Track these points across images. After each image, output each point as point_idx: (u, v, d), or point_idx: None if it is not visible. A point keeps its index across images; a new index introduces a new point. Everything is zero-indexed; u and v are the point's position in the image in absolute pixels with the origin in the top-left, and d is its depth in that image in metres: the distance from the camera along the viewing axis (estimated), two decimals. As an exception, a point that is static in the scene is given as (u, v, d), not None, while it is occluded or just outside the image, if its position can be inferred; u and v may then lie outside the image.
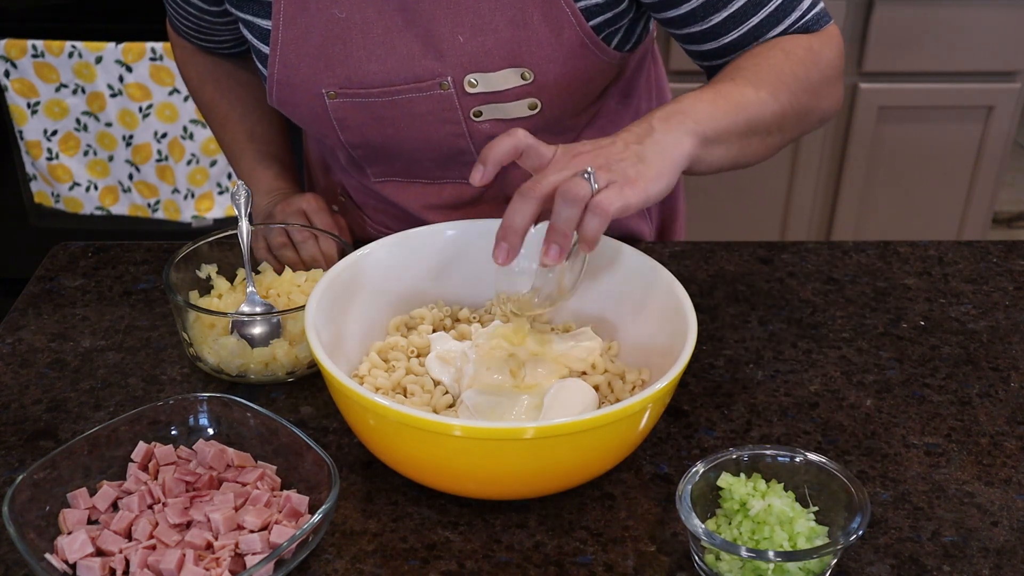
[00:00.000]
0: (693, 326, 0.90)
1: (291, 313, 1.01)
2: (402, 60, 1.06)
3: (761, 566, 0.79)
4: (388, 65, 1.06)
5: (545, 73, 1.06)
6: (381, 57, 1.06)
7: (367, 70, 1.07)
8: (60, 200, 2.27)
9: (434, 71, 1.06)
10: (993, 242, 1.30)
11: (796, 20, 1.04)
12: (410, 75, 1.06)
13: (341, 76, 1.07)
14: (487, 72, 1.06)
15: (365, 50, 1.06)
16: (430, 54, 1.05)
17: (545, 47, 1.05)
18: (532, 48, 1.05)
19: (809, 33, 1.05)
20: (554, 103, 1.09)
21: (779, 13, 1.03)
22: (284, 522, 0.83)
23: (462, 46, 1.05)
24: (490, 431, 0.81)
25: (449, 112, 1.08)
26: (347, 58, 1.06)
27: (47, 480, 0.84)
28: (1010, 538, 0.87)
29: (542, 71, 1.06)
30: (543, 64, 1.06)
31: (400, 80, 1.07)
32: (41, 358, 1.06)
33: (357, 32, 1.05)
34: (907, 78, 2.33)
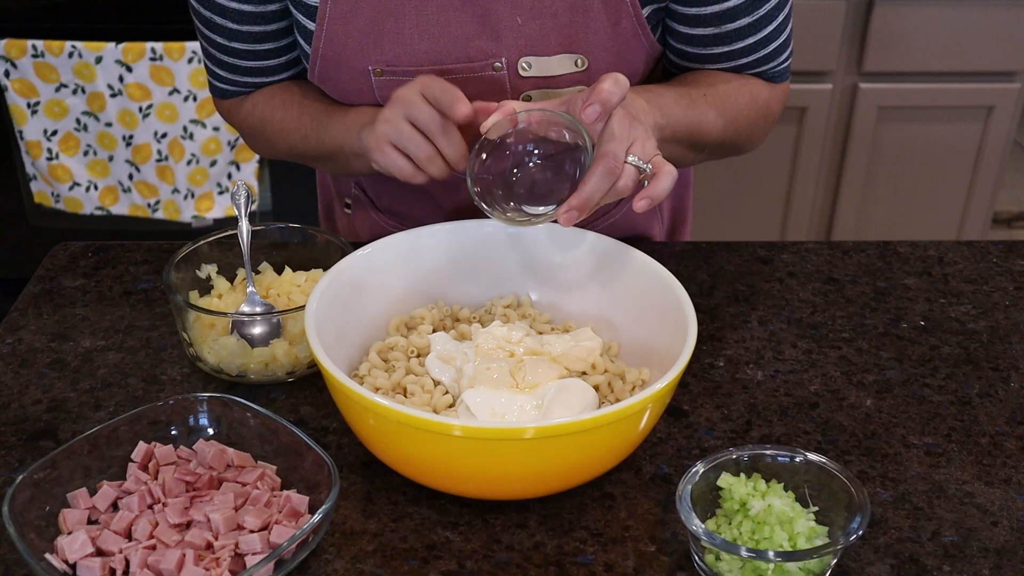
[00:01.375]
0: (693, 326, 0.90)
1: (291, 313, 1.01)
2: (456, 39, 1.05)
3: (761, 566, 0.79)
4: (440, 44, 1.05)
5: (599, 61, 1.07)
6: (434, 35, 1.05)
7: (418, 48, 1.06)
8: (60, 200, 2.27)
9: (488, 52, 1.05)
10: (993, 242, 1.30)
11: (773, 67, 1.14)
12: (463, 55, 1.06)
13: (390, 53, 1.06)
14: (542, 56, 1.06)
15: (418, 27, 1.05)
16: (485, 34, 1.05)
17: (601, 34, 1.05)
18: (589, 35, 1.05)
19: (774, 83, 1.16)
20: None
21: (766, 59, 1.13)
22: (284, 522, 0.83)
23: (519, 28, 1.04)
24: (490, 431, 0.81)
25: (499, 95, 1.07)
26: (398, 35, 1.05)
27: (47, 480, 0.84)
28: (1010, 538, 0.87)
29: (596, 58, 1.06)
30: (598, 51, 1.06)
31: (452, 59, 1.06)
32: (41, 358, 1.06)
33: (411, 9, 1.04)
34: (907, 78, 2.33)
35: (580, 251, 1.04)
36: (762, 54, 1.12)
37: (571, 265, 1.04)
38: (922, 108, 2.34)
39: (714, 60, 1.12)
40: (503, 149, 0.98)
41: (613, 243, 1.02)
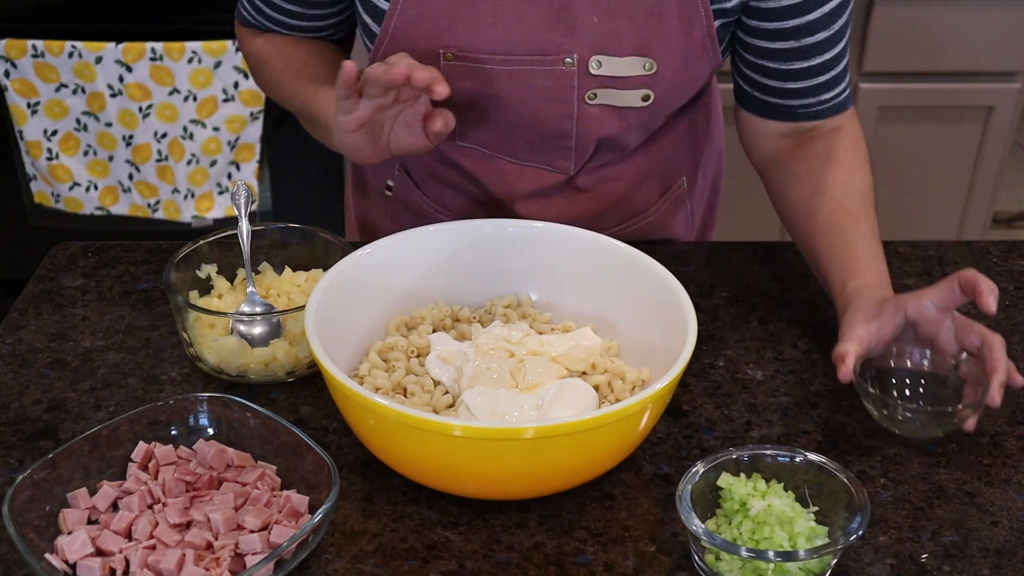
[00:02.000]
0: (693, 326, 0.90)
1: (291, 313, 1.01)
2: (530, 31, 1.05)
3: (761, 566, 0.79)
4: (515, 34, 1.06)
5: (666, 67, 1.08)
6: (509, 25, 1.05)
7: (492, 36, 1.06)
8: (60, 200, 2.27)
9: (561, 46, 1.06)
10: (993, 242, 1.30)
11: (842, 90, 1.16)
12: (535, 47, 1.06)
13: (463, 39, 1.06)
14: (614, 56, 1.06)
15: (494, 16, 1.05)
16: (560, 29, 1.05)
17: (673, 41, 1.06)
18: (661, 40, 1.06)
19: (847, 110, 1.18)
20: (664, 99, 1.11)
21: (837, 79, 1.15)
22: (284, 522, 0.83)
23: (595, 26, 1.05)
24: (490, 431, 0.81)
25: (565, 91, 1.08)
26: (474, 22, 1.05)
27: (47, 480, 0.84)
28: (1010, 538, 0.87)
29: (664, 64, 1.07)
30: (667, 57, 1.07)
31: (524, 50, 1.06)
32: (41, 358, 1.06)
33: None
34: (907, 78, 2.33)
35: (580, 251, 1.03)
36: (836, 72, 1.14)
37: (571, 265, 1.04)
38: (922, 108, 2.34)
39: (794, 77, 1.13)
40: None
41: (613, 243, 1.02)
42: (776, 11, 1.08)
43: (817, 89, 1.14)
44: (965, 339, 0.96)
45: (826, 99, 1.15)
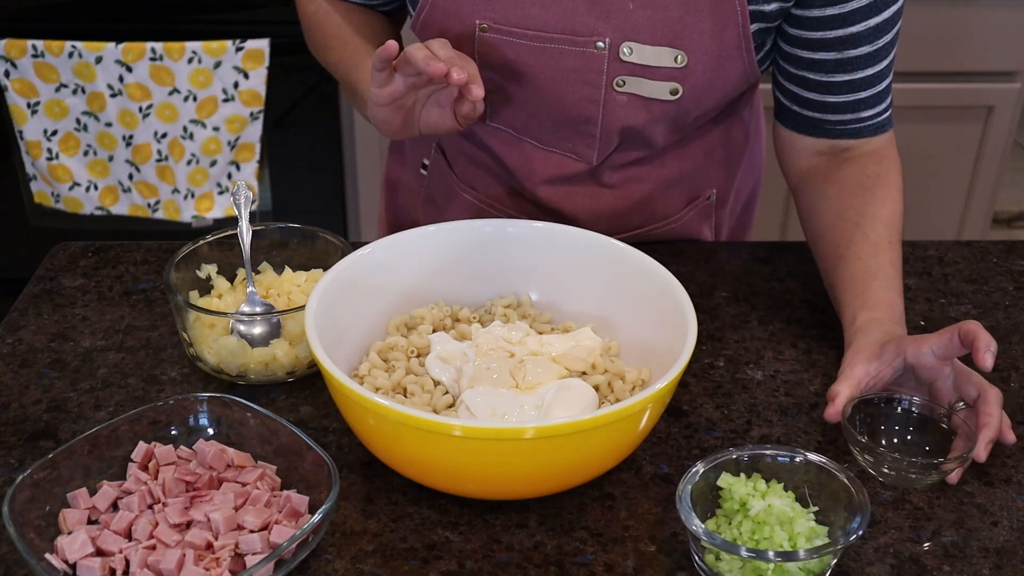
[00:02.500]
0: (693, 326, 0.90)
1: (291, 313, 1.01)
2: (566, 10, 1.07)
3: (761, 566, 0.79)
4: (551, 11, 1.07)
5: (697, 62, 1.08)
6: (546, 3, 1.07)
7: (528, 12, 1.07)
8: (60, 200, 2.27)
9: (594, 29, 1.07)
10: (993, 242, 1.30)
11: (884, 109, 1.18)
12: (568, 27, 1.07)
13: (500, 12, 1.08)
14: (645, 44, 1.07)
15: None
16: (596, 12, 1.06)
17: (705, 37, 1.07)
18: (694, 34, 1.06)
19: (886, 133, 1.20)
20: (692, 96, 1.11)
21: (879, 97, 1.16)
22: (284, 522, 0.83)
23: (630, 12, 1.06)
24: (490, 431, 0.81)
25: (594, 74, 1.09)
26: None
27: (47, 480, 0.84)
28: (1010, 538, 0.87)
29: (695, 59, 1.08)
30: (698, 53, 1.07)
31: (557, 29, 1.08)
32: (41, 358, 1.06)
33: None
34: (907, 78, 2.32)
35: (580, 251, 1.03)
36: (878, 89, 1.14)
37: (571, 265, 1.04)
38: (922, 108, 2.34)
39: (834, 91, 1.12)
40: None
41: (613, 243, 1.02)
42: (818, 20, 1.08)
43: (857, 105, 1.14)
44: (963, 389, 0.95)
45: (865, 117, 1.15)
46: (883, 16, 1.10)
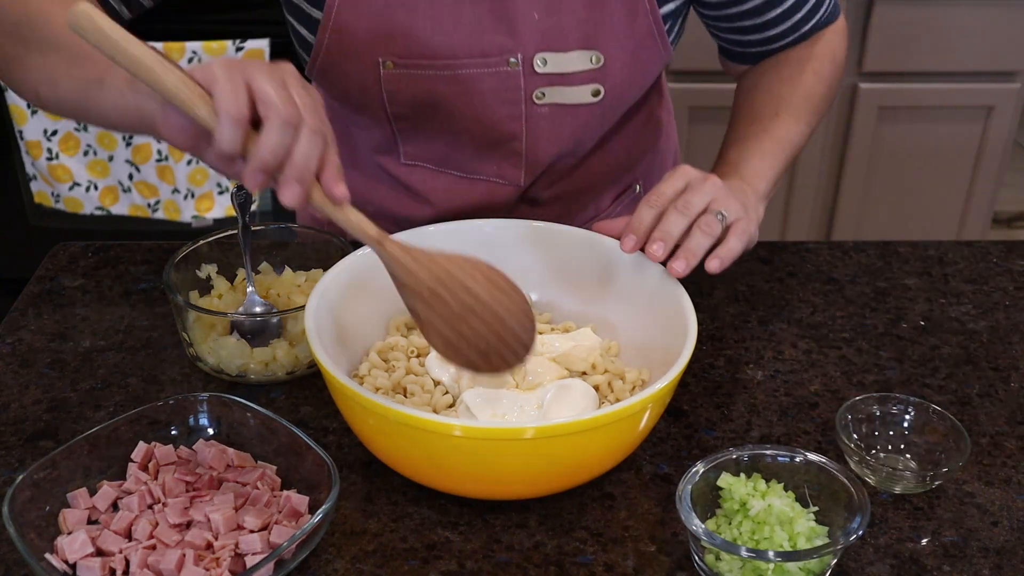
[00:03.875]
0: (693, 326, 0.90)
1: (291, 313, 1.01)
2: (470, 33, 1.03)
3: (761, 566, 0.79)
4: (455, 37, 1.03)
5: (613, 59, 1.06)
6: (448, 29, 1.03)
7: (431, 41, 1.03)
8: (60, 200, 2.27)
9: (503, 47, 1.04)
10: (993, 242, 1.30)
11: (825, 9, 1.14)
12: (477, 49, 1.04)
13: (402, 46, 1.04)
14: (559, 52, 1.04)
15: (431, 20, 1.03)
16: (501, 28, 1.03)
17: (618, 31, 1.05)
18: (605, 31, 1.04)
19: (831, 25, 1.16)
20: (615, 92, 1.09)
21: (814, 11, 1.13)
22: (284, 522, 0.83)
23: (536, 23, 1.03)
24: (490, 431, 0.81)
25: (511, 92, 1.06)
26: (411, 27, 1.03)
27: (47, 480, 0.84)
28: (1010, 538, 0.87)
29: (611, 56, 1.06)
30: (613, 49, 1.05)
31: (466, 53, 1.04)
32: (41, 358, 1.06)
33: (424, 1, 1.02)
34: (907, 78, 2.33)
35: (580, 251, 1.03)
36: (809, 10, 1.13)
37: (571, 265, 1.04)
38: (922, 108, 2.34)
39: (773, 25, 1.12)
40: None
41: (613, 243, 1.02)
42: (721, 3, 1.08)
43: (798, 24, 1.14)
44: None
45: (808, 26, 1.15)
46: None
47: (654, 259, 0.90)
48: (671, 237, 0.91)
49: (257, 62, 0.77)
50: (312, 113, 0.76)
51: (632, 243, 0.91)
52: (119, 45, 0.74)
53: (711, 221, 0.93)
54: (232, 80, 0.74)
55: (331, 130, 0.79)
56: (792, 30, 1.14)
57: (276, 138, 0.74)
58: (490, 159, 1.14)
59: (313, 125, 0.76)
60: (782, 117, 1.11)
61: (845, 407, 0.94)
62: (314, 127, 0.76)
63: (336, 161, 0.79)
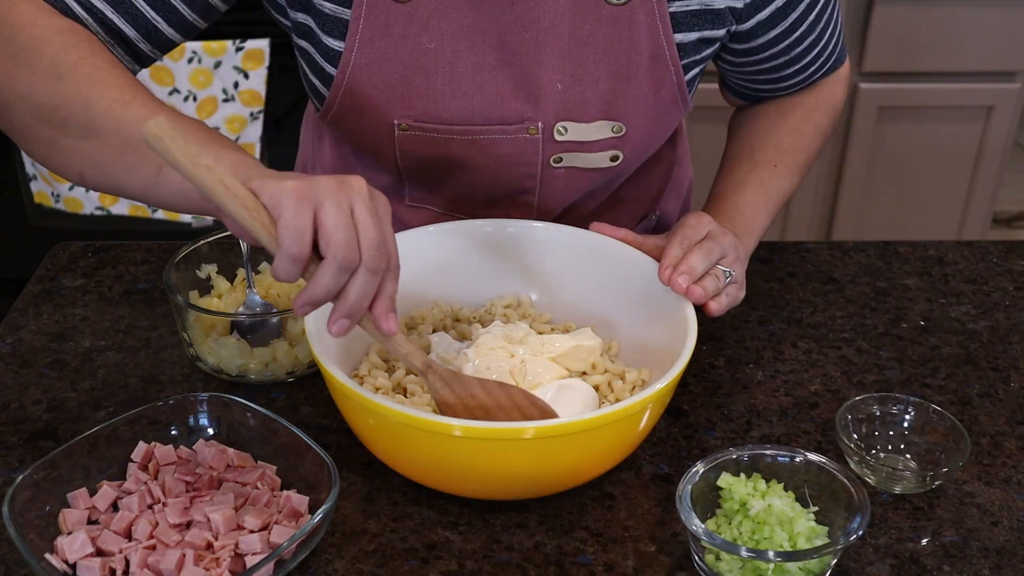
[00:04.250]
0: (693, 326, 0.90)
1: (291, 313, 1.01)
2: (490, 100, 1.01)
3: (761, 566, 0.79)
4: (474, 103, 1.01)
5: (635, 127, 1.05)
6: (467, 94, 1.01)
7: (449, 106, 1.01)
8: (60, 200, 2.27)
9: (524, 115, 1.02)
10: (993, 242, 1.30)
11: (831, 57, 1.15)
12: (497, 116, 1.02)
13: (419, 109, 1.01)
14: (580, 122, 1.03)
15: (451, 85, 1.00)
16: (522, 97, 1.01)
17: (641, 102, 1.03)
18: (629, 102, 1.03)
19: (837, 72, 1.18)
20: (632, 156, 1.09)
21: (828, 54, 1.15)
22: (284, 522, 0.83)
23: (559, 94, 1.01)
24: (490, 431, 0.81)
25: (529, 156, 1.05)
26: (429, 91, 1.00)
27: (47, 480, 0.84)
28: (1010, 538, 0.87)
29: (633, 125, 1.05)
30: (635, 119, 1.04)
31: (484, 120, 1.02)
32: (41, 358, 1.06)
33: (445, 65, 0.99)
34: (907, 78, 2.33)
35: (580, 251, 1.03)
36: (827, 51, 1.14)
37: (571, 265, 1.04)
38: (922, 108, 2.34)
39: (787, 78, 1.14)
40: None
41: (613, 243, 1.02)
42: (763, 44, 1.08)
43: (810, 75, 1.15)
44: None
45: (818, 75, 1.16)
46: (819, 5, 1.08)
47: (679, 290, 0.92)
48: (696, 273, 0.94)
49: (326, 181, 0.76)
50: (374, 249, 0.76)
51: (669, 274, 0.94)
52: (188, 169, 0.74)
53: (720, 274, 0.97)
54: (299, 213, 0.74)
55: (395, 259, 0.79)
56: (803, 80, 1.15)
57: (329, 281, 0.76)
58: (500, 207, 1.12)
59: (372, 265, 0.76)
60: (780, 170, 1.12)
61: (845, 407, 0.94)
62: (372, 268, 0.76)
63: (391, 292, 0.79)
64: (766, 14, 1.04)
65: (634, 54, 1.01)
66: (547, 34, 0.99)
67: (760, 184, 1.11)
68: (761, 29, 1.05)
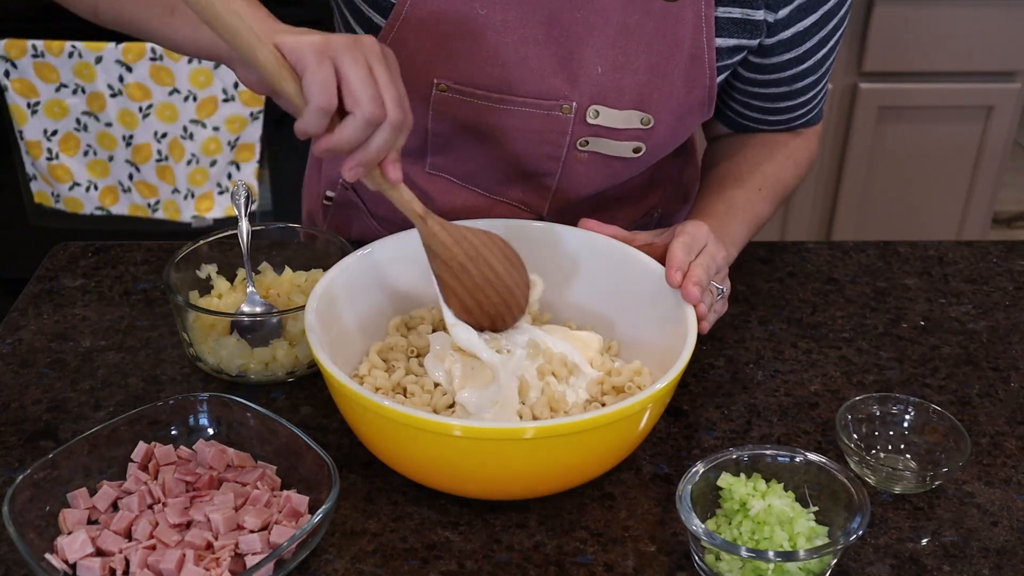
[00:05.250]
0: (693, 326, 0.90)
1: (291, 313, 1.01)
2: (531, 73, 1.02)
3: (761, 566, 0.79)
4: (514, 74, 1.02)
5: (662, 122, 1.06)
6: (509, 64, 1.02)
7: (490, 73, 1.02)
8: (60, 200, 2.27)
9: (561, 92, 1.03)
10: (993, 242, 1.30)
11: (814, 110, 1.19)
12: (534, 90, 1.03)
13: (462, 71, 1.03)
14: (613, 108, 1.04)
15: (495, 52, 1.01)
16: (563, 75, 1.03)
17: (673, 99, 1.05)
18: (661, 96, 1.04)
19: (812, 127, 1.22)
20: (654, 152, 1.10)
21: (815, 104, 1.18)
22: (284, 522, 0.83)
23: (598, 77, 1.03)
24: (490, 431, 0.81)
25: (557, 135, 1.06)
26: (473, 56, 1.02)
27: (47, 480, 0.84)
28: (1010, 538, 0.87)
29: (660, 120, 1.06)
30: (664, 114, 1.06)
31: (522, 92, 1.03)
32: (41, 358, 1.06)
33: (492, 32, 1.01)
34: (907, 78, 2.33)
35: (580, 251, 1.04)
36: (816, 102, 1.17)
37: (571, 265, 1.04)
38: (922, 108, 2.34)
39: (777, 112, 1.16)
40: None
41: (613, 243, 1.02)
42: (774, 65, 1.09)
43: (796, 117, 1.18)
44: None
45: (797, 119, 1.18)
46: (829, 45, 1.10)
47: (692, 300, 0.93)
48: (704, 284, 0.95)
49: (342, 39, 0.81)
50: (395, 105, 0.81)
51: (680, 278, 0.94)
52: (219, 13, 0.77)
53: (714, 290, 0.99)
54: (322, 68, 0.79)
55: (409, 116, 0.84)
56: (789, 119, 1.18)
57: (356, 134, 0.80)
58: (517, 186, 1.13)
59: (394, 120, 0.81)
60: (764, 194, 1.14)
61: (845, 407, 0.94)
62: (395, 123, 0.81)
63: (399, 145, 0.85)
64: (788, 34, 1.06)
65: (675, 51, 1.03)
66: (597, 17, 1.01)
67: (747, 202, 1.12)
68: (779, 48, 1.07)
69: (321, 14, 2.09)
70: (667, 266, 0.95)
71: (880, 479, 0.91)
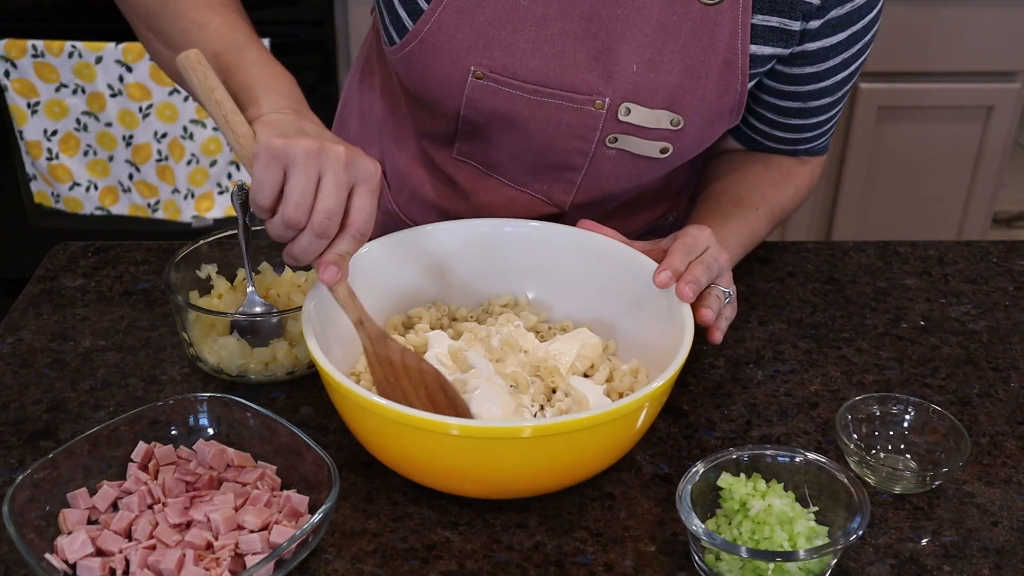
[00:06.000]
0: (690, 325, 0.90)
1: (291, 313, 1.01)
2: (567, 66, 1.03)
3: (761, 566, 0.79)
4: (551, 65, 1.03)
5: (692, 124, 1.07)
6: (547, 54, 1.03)
7: (527, 63, 1.03)
8: (60, 200, 2.27)
9: (595, 88, 1.04)
10: (993, 242, 1.30)
11: (823, 140, 1.20)
12: (568, 83, 1.04)
13: (498, 61, 1.03)
14: (645, 107, 1.05)
15: (534, 44, 1.03)
16: (598, 70, 1.03)
17: (704, 103, 1.05)
18: (694, 100, 1.05)
19: (817, 156, 1.22)
20: (680, 154, 1.10)
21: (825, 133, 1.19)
22: (284, 522, 0.83)
23: (633, 75, 1.03)
24: (488, 430, 0.81)
25: (588, 130, 1.07)
26: (512, 46, 1.03)
27: (47, 480, 0.84)
28: (1010, 538, 0.87)
29: (691, 122, 1.06)
30: (695, 116, 1.06)
31: (557, 84, 1.04)
32: (41, 358, 1.06)
33: (532, 24, 1.02)
34: (907, 78, 2.33)
35: (578, 250, 1.03)
36: (825, 129, 1.18)
37: (569, 264, 1.04)
38: (922, 108, 2.34)
39: (788, 129, 1.16)
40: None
41: (611, 243, 1.02)
42: (796, 76, 1.09)
43: (804, 140, 1.18)
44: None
45: (805, 143, 1.18)
46: (850, 69, 1.10)
47: (685, 299, 0.94)
48: (701, 285, 0.96)
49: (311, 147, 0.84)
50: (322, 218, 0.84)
51: (668, 278, 0.95)
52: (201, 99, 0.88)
53: (720, 295, 1.00)
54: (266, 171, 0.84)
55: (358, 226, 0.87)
56: (797, 141, 1.18)
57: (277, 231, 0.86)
58: (543, 179, 1.14)
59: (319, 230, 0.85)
60: (761, 214, 1.15)
61: (845, 407, 0.94)
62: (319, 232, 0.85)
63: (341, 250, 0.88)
64: (814, 47, 1.06)
65: (710, 55, 1.03)
66: (637, 15, 1.02)
67: (744, 220, 1.13)
68: (801, 59, 1.07)
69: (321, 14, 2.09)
70: (659, 267, 0.95)
71: (880, 479, 0.91)
